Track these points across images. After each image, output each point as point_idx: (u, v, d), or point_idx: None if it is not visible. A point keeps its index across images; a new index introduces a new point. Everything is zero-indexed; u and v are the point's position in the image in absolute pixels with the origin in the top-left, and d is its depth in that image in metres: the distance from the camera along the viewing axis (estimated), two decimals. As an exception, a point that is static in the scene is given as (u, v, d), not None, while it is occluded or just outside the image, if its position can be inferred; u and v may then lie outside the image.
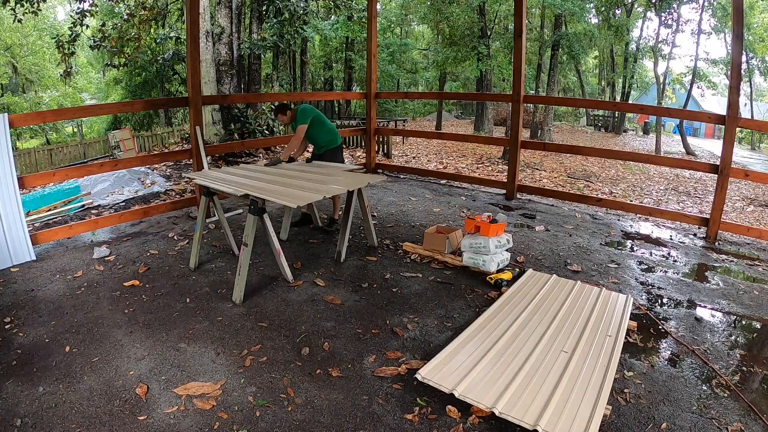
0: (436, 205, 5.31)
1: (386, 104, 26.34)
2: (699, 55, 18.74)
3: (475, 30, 17.41)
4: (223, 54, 10.13)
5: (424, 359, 2.42)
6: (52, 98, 22.13)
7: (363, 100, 9.55)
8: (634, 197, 9.96)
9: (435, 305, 3.05)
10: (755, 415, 2.11)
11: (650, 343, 2.67)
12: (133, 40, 11.59)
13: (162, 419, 2.04)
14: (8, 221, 3.56)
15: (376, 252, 3.91)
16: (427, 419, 2.06)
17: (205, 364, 2.42)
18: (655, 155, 15.04)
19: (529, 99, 7.09)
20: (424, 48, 25.68)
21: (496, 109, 22.61)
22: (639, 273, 3.63)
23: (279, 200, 2.99)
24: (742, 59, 5.41)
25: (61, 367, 2.37)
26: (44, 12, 19.96)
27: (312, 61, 23.56)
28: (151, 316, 2.88)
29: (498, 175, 10.53)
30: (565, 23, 18.53)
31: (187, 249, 3.86)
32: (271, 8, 11.25)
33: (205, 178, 3.62)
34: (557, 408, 2.00)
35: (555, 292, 3.10)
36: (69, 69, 11.16)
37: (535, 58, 20.55)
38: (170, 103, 11.19)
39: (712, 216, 4.43)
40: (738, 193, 11.60)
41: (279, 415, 2.08)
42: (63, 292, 3.17)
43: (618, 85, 25.01)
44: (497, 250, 3.45)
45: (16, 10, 9.18)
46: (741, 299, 3.22)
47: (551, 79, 18.57)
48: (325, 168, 4.13)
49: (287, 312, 2.93)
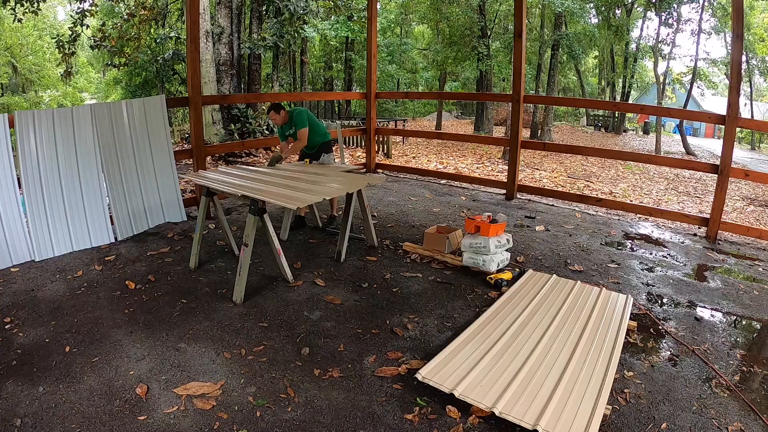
0: (436, 205, 5.31)
1: (386, 104, 26.32)
2: (699, 55, 18.73)
3: (474, 30, 17.40)
4: (223, 54, 10.13)
5: (424, 359, 2.42)
6: (52, 98, 22.14)
7: (363, 100, 9.55)
8: (634, 197, 9.96)
9: (435, 305, 3.05)
10: (755, 414, 2.11)
11: (650, 343, 2.67)
12: (133, 40, 11.59)
13: (162, 419, 2.04)
14: (8, 221, 3.56)
15: (376, 252, 3.91)
16: (427, 419, 2.06)
17: (205, 364, 2.42)
18: (655, 155, 15.03)
19: (529, 99, 7.09)
20: (424, 48, 25.66)
21: (496, 109, 22.61)
22: (639, 273, 3.63)
23: (279, 202, 2.99)
24: (742, 59, 5.41)
25: (61, 367, 2.37)
26: (44, 12, 19.98)
27: (312, 61, 23.56)
28: (151, 316, 2.88)
29: (498, 175, 10.52)
30: (565, 23, 18.52)
31: (187, 249, 3.86)
32: (271, 8, 11.25)
33: (205, 178, 3.62)
34: (557, 408, 2.00)
35: (555, 292, 3.10)
36: (69, 69, 11.16)
37: (535, 58, 20.54)
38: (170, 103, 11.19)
39: (712, 216, 4.43)
40: (738, 193, 11.59)
41: (279, 415, 2.08)
42: (63, 292, 3.17)
43: (618, 85, 24.99)
44: (497, 250, 3.45)
45: (16, 10, 9.18)
46: (741, 299, 3.22)
47: (551, 79, 18.57)
48: (325, 169, 4.13)
49: (287, 312, 2.93)
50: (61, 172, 3.82)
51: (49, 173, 3.76)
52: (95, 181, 4.02)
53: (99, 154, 4.03)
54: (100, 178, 4.06)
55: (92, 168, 4.00)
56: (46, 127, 3.74)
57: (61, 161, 3.82)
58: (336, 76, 25.39)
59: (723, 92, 20.56)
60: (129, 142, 4.24)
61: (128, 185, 4.24)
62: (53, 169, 3.78)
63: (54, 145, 3.78)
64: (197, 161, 4.68)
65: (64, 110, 3.93)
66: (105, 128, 4.08)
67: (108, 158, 4.09)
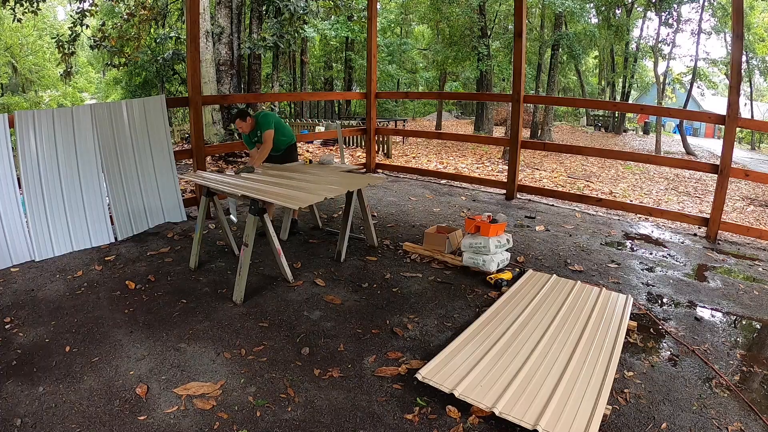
0: (436, 205, 5.31)
1: (386, 104, 26.33)
2: (699, 55, 18.74)
3: (475, 30, 17.41)
4: (223, 54, 10.13)
5: (424, 359, 2.42)
6: (52, 98, 22.15)
7: (363, 100, 9.55)
8: (634, 197, 9.96)
9: (435, 305, 3.05)
10: (755, 414, 2.11)
11: (650, 343, 2.67)
12: (133, 40, 11.58)
13: (162, 419, 2.04)
14: (8, 221, 3.56)
15: (376, 252, 3.91)
16: (427, 419, 2.06)
17: (205, 364, 2.42)
18: (655, 155, 15.03)
19: (529, 99, 7.09)
20: (424, 48, 25.67)
21: (496, 109, 22.61)
22: (639, 273, 3.63)
23: (279, 202, 2.99)
24: (742, 59, 5.41)
25: (61, 367, 2.37)
26: (44, 12, 19.97)
27: (312, 61, 23.56)
28: (151, 316, 2.88)
29: (498, 175, 10.53)
30: (565, 23, 18.53)
31: (187, 249, 3.86)
32: (271, 8, 11.24)
33: (205, 178, 3.62)
34: (557, 408, 2.00)
35: (555, 292, 3.10)
36: (69, 69, 11.15)
37: (535, 58, 20.55)
38: (170, 103, 11.18)
39: (712, 216, 4.43)
40: (738, 193, 11.59)
41: (279, 415, 2.08)
42: (63, 292, 3.17)
43: (618, 85, 25.01)
44: (497, 250, 3.45)
45: (15, 10, 9.17)
46: (741, 299, 3.22)
47: (551, 79, 18.58)
48: (325, 169, 4.13)
49: (287, 312, 2.93)
50: (61, 172, 3.82)
51: (49, 173, 3.76)
52: (95, 181, 4.02)
53: (99, 154, 4.03)
54: (100, 178, 4.06)
55: (92, 168, 4.00)
56: (46, 127, 3.74)
57: (61, 161, 3.82)
58: (336, 76, 25.40)
59: (723, 92, 20.56)
60: (129, 142, 4.24)
61: (128, 185, 4.24)
62: (53, 169, 3.78)
63: (54, 145, 3.78)
64: (197, 161, 4.68)
65: (64, 110, 3.93)
66: (105, 128, 4.08)
67: (108, 158, 4.09)
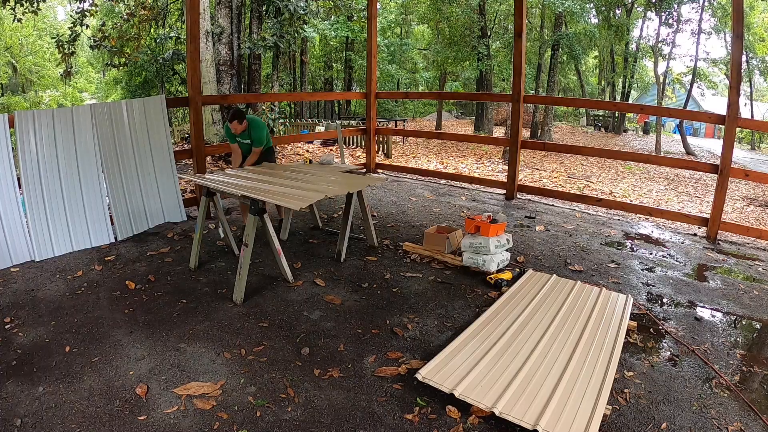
0: (436, 205, 5.31)
1: (386, 104, 26.33)
2: (699, 55, 18.76)
3: (474, 30, 17.42)
4: (223, 54, 10.12)
5: (424, 359, 2.42)
6: (53, 98, 22.15)
7: (363, 100, 9.55)
8: (634, 197, 9.96)
9: (435, 305, 3.05)
10: (755, 414, 2.11)
11: (650, 343, 2.67)
12: (133, 40, 11.58)
13: (162, 419, 2.04)
14: (8, 221, 3.56)
15: (376, 252, 3.91)
16: (427, 419, 2.06)
17: (205, 364, 2.42)
18: (655, 155, 15.04)
19: (529, 99, 7.09)
20: (424, 48, 25.67)
21: (496, 109, 22.62)
22: (639, 273, 3.63)
23: (279, 202, 2.99)
24: (742, 59, 5.41)
25: (61, 367, 2.37)
26: (44, 12, 19.98)
27: (312, 61, 23.55)
28: (151, 316, 2.88)
29: (498, 175, 10.53)
30: (565, 23, 18.54)
31: (187, 249, 3.86)
32: (271, 8, 11.24)
33: (204, 178, 3.62)
34: (557, 408, 2.00)
35: (555, 292, 3.10)
36: (69, 69, 11.14)
37: (535, 58, 20.55)
38: (170, 103, 11.18)
39: (712, 216, 4.43)
40: (738, 193, 11.60)
41: (279, 415, 2.08)
42: (63, 292, 3.17)
43: (618, 85, 25.01)
44: (497, 250, 3.45)
45: (15, 10, 9.17)
46: (741, 299, 3.22)
47: (551, 79, 18.58)
48: (325, 169, 4.13)
49: (287, 312, 2.93)
50: (61, 172, 3.82)
51: (49, 173, 3.76)
52: (95, 181, 4.02)
53: (99, 154, 4.03)
54: (100, 178, 4.06)
55: (92, 168, 4.00)
56: (46, 127, 3.74)
57: (61, 161, 3.82)
58: (336, 76, 25.40)
59: (723, 92, 20.56)
60: (129, 142, 4.24)
61: (128, 185, 4.24)
62: (53, 169, 3.78)
63: (54, 145, 3.78)
64: (197, 161, 4.69)
65: (64, 110, 3.93)
66: (105, 128, 4.08)
67: (108, 158, 4.09)
